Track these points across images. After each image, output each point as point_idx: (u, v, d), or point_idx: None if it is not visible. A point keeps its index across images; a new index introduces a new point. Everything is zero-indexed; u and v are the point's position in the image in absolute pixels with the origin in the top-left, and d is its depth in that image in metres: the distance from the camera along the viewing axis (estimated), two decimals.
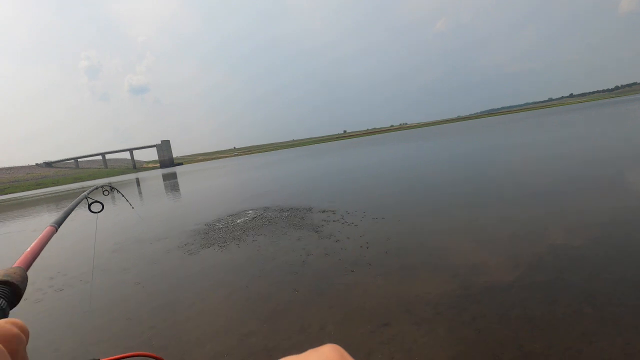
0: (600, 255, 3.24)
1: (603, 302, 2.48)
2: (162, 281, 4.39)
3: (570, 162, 8.44)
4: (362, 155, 24.36)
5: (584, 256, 3.28)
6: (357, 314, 2.84)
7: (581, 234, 3.85)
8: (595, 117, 27.07)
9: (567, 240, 3.73)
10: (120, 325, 3.31)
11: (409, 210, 6.22)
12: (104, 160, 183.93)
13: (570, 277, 2.92)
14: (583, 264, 3.13)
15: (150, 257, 5.58)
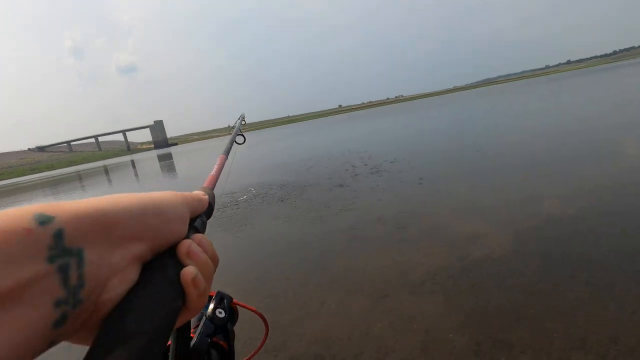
0: (598, 224, 3.28)
1: (598, 269, 2.53)
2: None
3: (567, 131, 8.41)
4: (359, 129, 24.17)
5: (582, 225, 3.32)
6: (357, 286, 2.89)
7: (579, 202, 3.88)
8: (588, 83, 26.78)
9: (563, 209, 3.77)
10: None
11: (405, 182, 6.23)
12: (98, 143, 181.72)
13: (567, 245, 2.96)
14: (580, 232, 3.17)
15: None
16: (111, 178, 22.82)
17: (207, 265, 0.26)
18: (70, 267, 0.18)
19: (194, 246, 0.26)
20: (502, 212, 4.00)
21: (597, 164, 5.16)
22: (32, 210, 0.18)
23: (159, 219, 0.24)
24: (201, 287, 0.24)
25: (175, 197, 0.27)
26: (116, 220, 0.21)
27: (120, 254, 0.21)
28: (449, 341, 2.06)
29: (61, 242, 0.18)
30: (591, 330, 1.94)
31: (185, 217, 0.27)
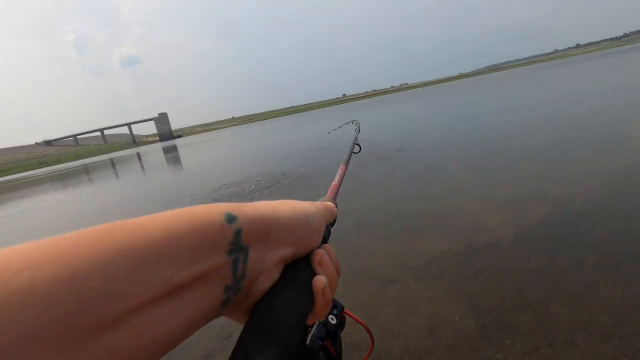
0: (605, 207, 3.26)
1: (605, 251, 2.53)
2: None
3: (572, 117, 8.28)
4: (364, 116, 24.01)
5: (588, 209, 3.31)
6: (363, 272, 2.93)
7: (585, 187, 3.86)
8: (598, 67, 26.20)
9: (570, 193, 3.74)
10: None
11: (410, 170, 6.21)
12: (103, 136, 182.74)
13: (574, 229, 2.96)
14: (587, 216, 3.16)
15: None
16: (118, 171, 23.04)
17: (333, 276, 0.29)
18: (240, 261, 0.22)
19: (326, 256, 0.28)
20: (509, 197, 3.99)
21: (607, 150, 5.10)
22: (223, 209, 0.22)
23: (305, 229, 0.27)
24: (328, 296, 0.27)
25: (317, 208, 0.30)
26: (275, 228, 0.25)
27: (271, 256, 0.25)
28: (455, 324, 2.09)
29: (239, 239, 0.22)
30: (597, 312, 1.96)
31: (322, 227, 0.30)
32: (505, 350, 1.83)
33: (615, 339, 1.75)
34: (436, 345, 1.96)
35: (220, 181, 8.75)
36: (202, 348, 2.34)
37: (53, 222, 8.52)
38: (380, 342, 2.08)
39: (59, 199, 13.48)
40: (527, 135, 7.24)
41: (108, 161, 42.88)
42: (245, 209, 0.24)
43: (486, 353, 1.83)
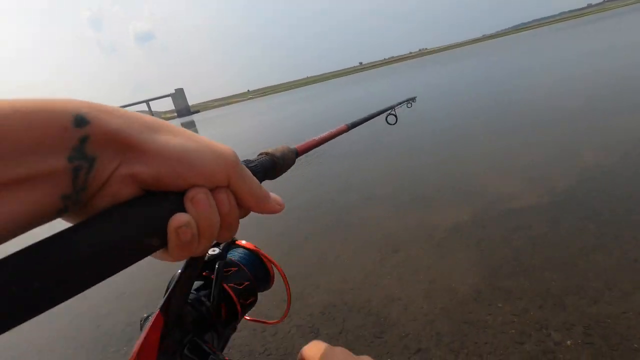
0: (616, 176, 3.22)
1: (607, 220, 2.55)
2: None
3: (606, 79, 7.85)
4: (379, 85, 23.45)
5: (599, 177, 3.27)
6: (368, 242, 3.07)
7: (599, 154, 3.78)
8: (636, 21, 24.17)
9: (583, 161, 3.69)
10: None
11: (416, 135, 6.17)
12: None
13: (580, 198, 2.96)
14: (596, 184, 3.14)
15: None
16: None
17: (210, 222, 0.25)
18: (81, 170, 0.20)
19: (203, 196, 0.24)
20: (517, 166, 3.97)
21: (623, 118, 4.90)
22: (74, 109, 0.20)
23: (182, 161, 0.23)
24: (185, 239, 0.23)
25: (220, 159, 0.25)
26: (134, 145, 0.22)
27: (122, 170, 0.22)
28: (451, 289, 2.22)
29: (83, 147, 0.20)
30: (589, 277, 2.03)
31: (216, 180, 0.25)
32: (496, 312, 1.95)
33: (602, 303, 1.83)
34: (431, 309, 2.10)
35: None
36: None
37: None
38: (380, 307, 2.24)
39: None
40: (550, 101, 6.97)
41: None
42: (105, 115, 0.21)
43: (477, 315, 1.96)
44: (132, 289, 3.18)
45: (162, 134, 0.24)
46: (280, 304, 2.38)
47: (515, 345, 1.72)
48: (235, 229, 0.28)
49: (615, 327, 1.68)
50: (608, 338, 1.64)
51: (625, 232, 2.35)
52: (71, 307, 3.05)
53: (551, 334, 1.73)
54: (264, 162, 0.35)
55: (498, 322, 1.88)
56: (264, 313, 2.29)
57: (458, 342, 1.81)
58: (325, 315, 2.27)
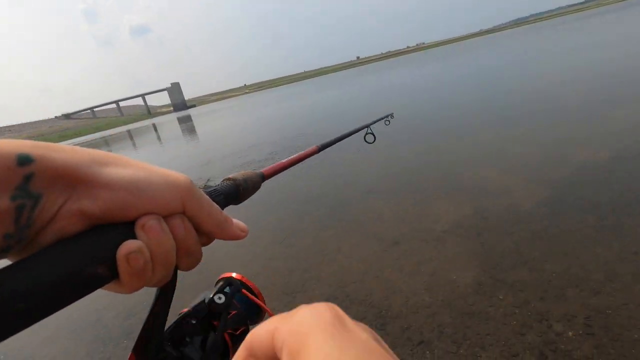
0: (616, 169, 3.24)
1: (607, 212, 2.56)
2: None
3: (600, 74, 7.86)
4: (375, 81, 23.38)
5: (599, 170, 3.29)
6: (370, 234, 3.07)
7: (598, 148, 3.79)
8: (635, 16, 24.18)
9: (580, 155, 3.70)
10: None
11: (416, 131, 6.17)
12: (119, 108, 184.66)
13: (580, 191, 2.98)
14: (596, 177, 3.15)
15: None
16: (136, 142, 23.56)
17: (164, 248, 0.24)
18: (25, 208, 0.20)
19: (154, 222, 0.23)
20: (514, 160, 3.98)
21: (622, 111, 4.91)
22: (18, 149, 0.20)
23: (131, 191, 0.23)
24: (137, 266, 0.22)
25: (172, 186, 0.25)
26: (82, 179, 0.22)
27: (69, 206, 0.21)
28: (452, 281, 2.22)
29: (27, 185, 0.20)
30: (590, 269, 2.04)
31: (169, 207, 0.25)
32: (497, 304, 1.96)
33: (602, 294, 1.85)
34: (433, 301, 2.11)
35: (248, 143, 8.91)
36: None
37: None
38: (381, 298, 2.24)
39: None
40: (549, 94, 6.98)
41: (126, 133, 43.78)
42: (51, 152, 0.21)
43: (479, 307, 1.97)
44: None
45: (112, 166, 0.23)
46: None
47: (517, 337, 1.73)
48: (197, 255, 0.27)
49: (615, 318, 1.70)
50: (609, 329, 1.65)
51: (625, 225, 2.37)
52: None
53: (552, 325, 1.74)
54: (225, 187, 0.35)
55: (500, 313, 1.89)
56: None
57: (460, 334, 1.82)
58: None
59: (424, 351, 1.78)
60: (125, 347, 2.39)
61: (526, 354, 1.63)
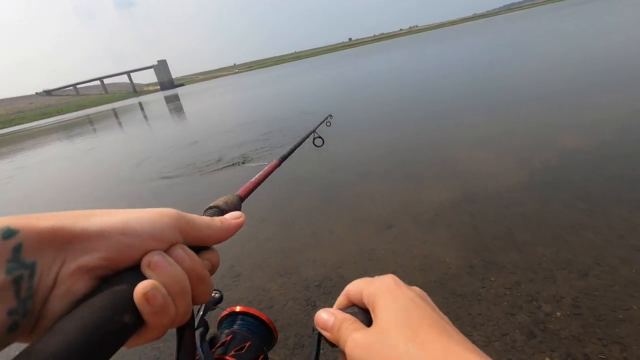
0: (606, 155, 3.29)
1: (596, 197, 2.62)
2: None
3: (593, 60, 7.91)
4: (367, 64, 23.09)
5: (589, 156, 3.34)
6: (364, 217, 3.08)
7: (590, 135, 3.84)
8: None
9: (572, 141, 3.75)
10: None
11: (410, 116, 6.15)
12: (103, 86, 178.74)
13: (571, 176, 3.03)
14: (586, 163, 3.21)
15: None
16: (122, 121, 22.95)
17: (177, 279, 0.24)
18: (23, 279, 0.20)
19: (159, 257, 0.24)
20: (506, 144, 4.01)
21: (618, 96, 4.97)
22: (1, 224, 0.20)
23: (125, 234, 0.23)
24: (157, 303, 0.22)
25: (162, 218, 0.25)
26: (74, 235, 0.22)
27: (68, 266, 0.21)
28: (445, 263, 2.26)
29: (19, 255, 0.20)
30: (579, 252, 2.10)
31: (167, 239, 0.25)
32: (489, 285, 2.00)
33: (590, 276, 1.90)
34: (426, 281, 2.14)
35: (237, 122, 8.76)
36: None
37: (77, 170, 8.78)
38: None
39: (77, 148, 13.68)
40: (540, 81, 7.00)
41: (111, 111, 42.53)
42: (33, 220, 0.21)
43: (471, 288, 2.01)
44: None
45: (97, 217, 0.23)
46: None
47: (507, 317, 1.78)
48: (207, 281, 0.27)
49: (602, 299, 1.76)
50: (595, 309, 1.71)
51: (613, 210, 2.42)
52: None
53: (542, 306, 1.79)
54: (212, 214, 0.37)
55: (491, 294, 1.94)
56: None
57: (452, 314, 1.86)
58: (321, 288, 2.30)
59: None
60: None
61: (516, 333, 1.68)
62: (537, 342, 1.61)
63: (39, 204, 6.09)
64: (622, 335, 1.55)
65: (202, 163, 6.14)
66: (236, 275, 2.63)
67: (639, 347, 1.48)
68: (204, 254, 0.29)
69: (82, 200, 5.69)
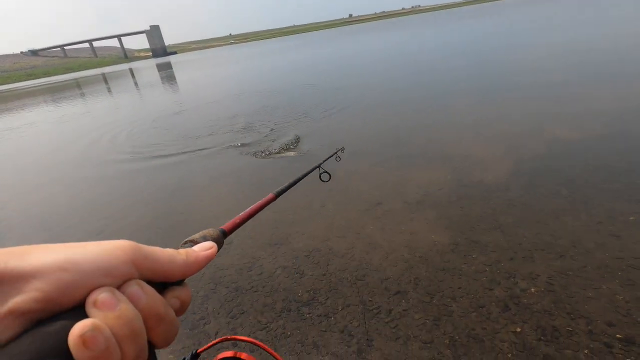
0: (592, 145, 3.37)
1: (579, 185, 2.71)
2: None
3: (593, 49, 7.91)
4: (369, 42, 22.64)
5: (577, 146, 3.42)
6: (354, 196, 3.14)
7: (579, 125, 3.91)
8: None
9: (562, 131, 3.82)
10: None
11: (404, 101, 6.14)
12: (93, 49, 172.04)
13: (557, 164, 3.11)
14: (573, 153, 3.29)
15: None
16: (111, 87, 22.31)
17: (126, 320, 0.21)
18: None
19: (106, 294, 0.21)
20: (498, 132, 4.07)
21: (618, 88, 5.03)
22: None
23: (65, 272, 0.21)
24: (98, 347, 0.19)
25: (114, 251, 0.23)
26: (2, 275, 0.19)
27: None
28: (431, 241, 2.35)
29: None
30: (558, 235, 2.20)
31: (120, 274, 0.22)
32: (470, 262, 2.10)
33: (566, 257, 2.01)
34: (412, 257, 2.23)
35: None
36: None
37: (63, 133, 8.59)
38: (363, 253, 2.35)
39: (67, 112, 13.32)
40: (536, 70, 7.01)
41: (100, 76, 41.17)
42: None
43: (453, 264, 2.11)
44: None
45: (34, 253, 0.21)
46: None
47: (485, 291, 1.88)
48: (169, 321, 0.24)
49: (575, 278, 1.86)
50: (567, 287, 1.82)
51: (594, 198, 2.52)
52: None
53: (518, 282, 1.90)
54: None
55: (472, 270, 2.03)
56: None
57: (434, 286, 1.96)
58: (310, 259, 2.37)
59: (400, 300, 1.91)
60: None
61: (492, 305, 1.78)
62: (511, 315, 1.71)
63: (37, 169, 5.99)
64: (590, 312, 1.66)
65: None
66: (228, 242, 2.68)
67: (604, 322, 1.60)
68: (170, 291, 0.25)
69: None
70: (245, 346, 1.66)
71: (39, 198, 4.43)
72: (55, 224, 3.63)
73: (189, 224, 3.15)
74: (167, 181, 4.29)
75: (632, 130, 3.52)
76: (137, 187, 4.29)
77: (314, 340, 1.77)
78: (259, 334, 1.86)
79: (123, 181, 4.59)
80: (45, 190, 4.68)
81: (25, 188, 4.92)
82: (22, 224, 3.75)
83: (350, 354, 1.66)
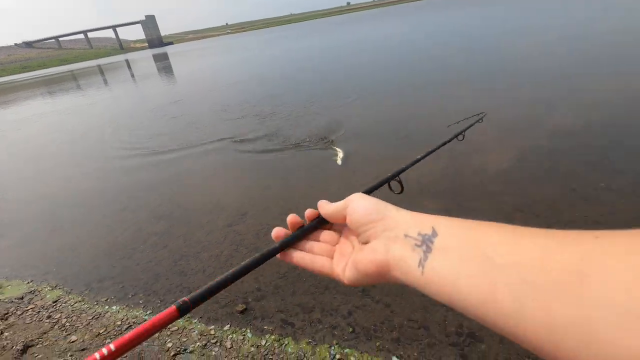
0: (575, 125, 3.62)
1: (559, 157, 2.98)
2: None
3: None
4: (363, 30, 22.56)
5: (571, 133, 3.66)
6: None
7: (574, 113, 4.15)
8: None
9: (559, 118, 4.06)
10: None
11: (404, 89, 6.34)
12: (88, 40, 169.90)
13: (547, 141, 3.36)
14: (559, 134, 3.53)
15: None
16: (107, 79, 22.30)
17: None
18: None
19: None
20: (502, 119, 4.31)
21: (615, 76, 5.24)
22: None
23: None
24: None
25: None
26: None
27: None
28: (423, 206, 2.61)
29: None
30: (537, 200, 2.47)
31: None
32: None
33: (542, 217, 2.28)
34: None
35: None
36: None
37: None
38: None
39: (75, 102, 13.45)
40: (543, 58, 7.20)
41: (95, 68, 40.89)
42: None
43: None
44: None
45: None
46: None
47: None
48: None
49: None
50: None
51: (568, 168, 2.79)
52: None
53: None
54: None
55: None
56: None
57: None
58: None
59: None
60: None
61: None
62: None
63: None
64: None
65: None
66: (243, 214, 2.95)
67: None
68: None
69: None
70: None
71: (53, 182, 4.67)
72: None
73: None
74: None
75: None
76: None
77: None
78: None
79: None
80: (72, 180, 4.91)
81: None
82: None
83: None
